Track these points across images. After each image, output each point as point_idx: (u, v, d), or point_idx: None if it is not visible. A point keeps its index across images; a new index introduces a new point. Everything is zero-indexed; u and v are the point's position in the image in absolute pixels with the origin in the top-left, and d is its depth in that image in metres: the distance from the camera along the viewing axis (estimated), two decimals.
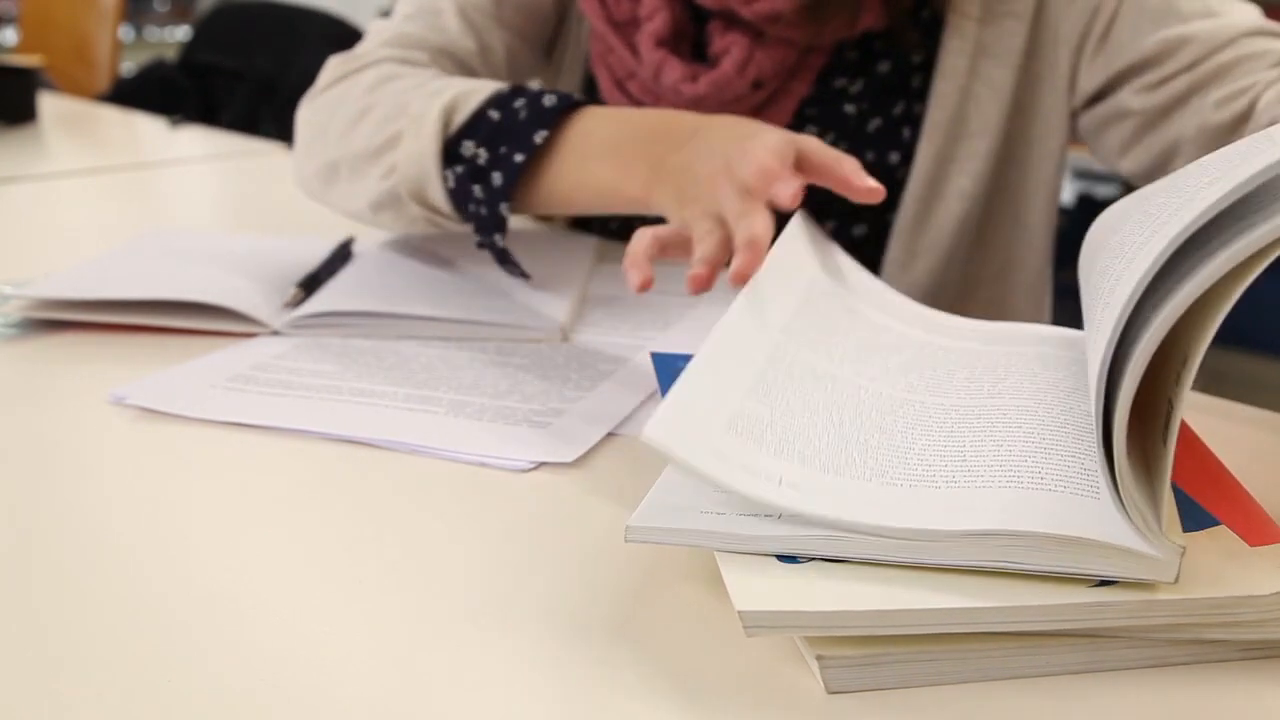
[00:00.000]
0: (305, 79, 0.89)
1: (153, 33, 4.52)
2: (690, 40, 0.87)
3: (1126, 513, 0.38)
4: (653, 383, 0.62)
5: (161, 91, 2.04)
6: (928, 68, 0.87)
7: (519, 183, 0.72)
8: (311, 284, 0.76)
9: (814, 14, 0.81)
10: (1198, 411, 0.55)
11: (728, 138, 0.65)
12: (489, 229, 0.73)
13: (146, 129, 1.55)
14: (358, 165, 0.77)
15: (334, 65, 0.86)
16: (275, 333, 0.71)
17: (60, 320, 0.72)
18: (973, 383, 0.50)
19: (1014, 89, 0.85)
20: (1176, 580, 0.37)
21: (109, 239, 0.95)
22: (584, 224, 0.99)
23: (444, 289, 0.76)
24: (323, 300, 0.73)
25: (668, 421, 0.42)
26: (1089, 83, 0.84)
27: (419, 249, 0.85)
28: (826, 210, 0.89)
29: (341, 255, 0.83)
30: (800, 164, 0.62)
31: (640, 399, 0.62)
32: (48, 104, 1.59)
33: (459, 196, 0.73)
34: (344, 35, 2.05)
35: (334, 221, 0.88)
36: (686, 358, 0.60)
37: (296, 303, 0.73)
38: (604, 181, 0.71)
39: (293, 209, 1.12)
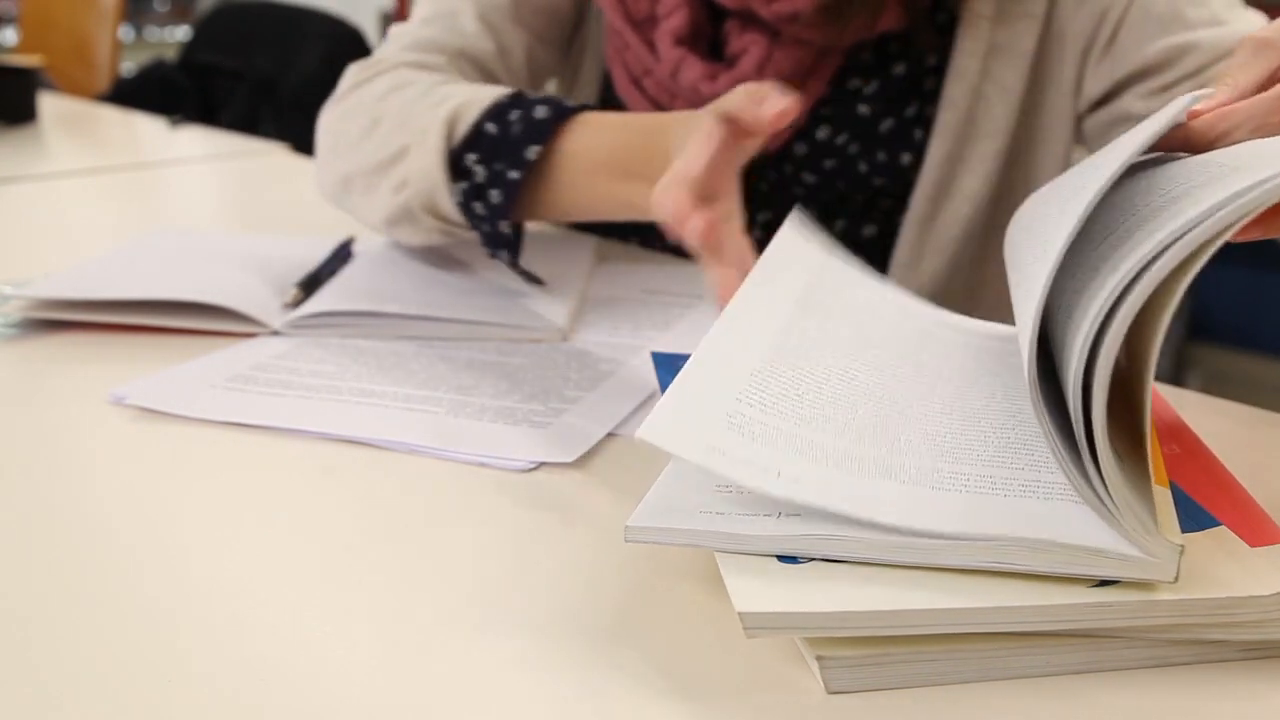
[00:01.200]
0: (305, 79, 0.89)
1: (153, 33, 4.52)
2: (708, 39, 0.87)
3: (1118, 517, 0.38)
4: (653, 383, 0.62)
5: (161, 91, 2.04)
6: (941, 70, 0.87)
7: (519, 196, 0.72)
8: (311, 284, 0.76)
9: (833, 15, 0.81)
10: (1198, 411, 0.55)
11: (679, 146, 0.64)
12: (494, 245, 0.73)
13: (146, 129, 1.55)
14: (370, 180, 0.77)
15: (353, 72, 0.85)
16: (275, 333, 0.71)
17: (60, 320, 0.72)
18: (963, 375, 0.51)
19: (1023, 91, 0.85)
20: (1176, 579, 0.37)
21: (109, 239, 0.95)
22: (584, 224, 0.98)
23: (444, 289, 0.76)
24: (322, 300, 0.73)
25: (664, 419, 0.42)
26: (1094, 87, 0.84)
27: (420, 249, 0.84)
28: (836, 210, 0.89)
29: (341, 255, 0.83)
30: (734, 128, 0.62)
31: (640, 399, 0.62)
32: (48, 104, 1.59)
33: (466, 211, 0.73)
34: (344, 35, 2.05)
35: (334, 221, 0.88)
36: (687, 358, 0.60)
37: (296, 303, 0.73)
38: (605, 192, 0.71)
39: (293, 209, 1.12)
